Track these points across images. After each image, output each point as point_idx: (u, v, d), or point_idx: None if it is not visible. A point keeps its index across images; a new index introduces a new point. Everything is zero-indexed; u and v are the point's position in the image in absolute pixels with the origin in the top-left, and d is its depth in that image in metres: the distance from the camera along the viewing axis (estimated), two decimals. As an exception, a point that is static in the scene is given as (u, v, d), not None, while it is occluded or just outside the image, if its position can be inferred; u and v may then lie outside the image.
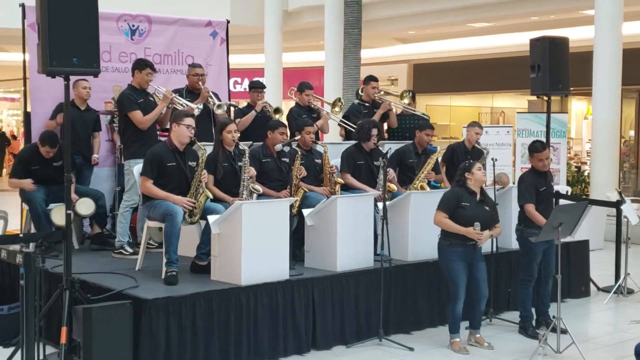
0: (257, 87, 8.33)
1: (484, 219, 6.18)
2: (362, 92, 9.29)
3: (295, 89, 8.76)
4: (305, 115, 8.32)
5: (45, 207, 7.06)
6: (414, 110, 9.70)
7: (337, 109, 8.86)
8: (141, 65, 7.32)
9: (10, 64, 19.57)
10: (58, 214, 6.90)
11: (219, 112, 7.55)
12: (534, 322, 6.81)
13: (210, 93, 7.69)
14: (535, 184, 6.62)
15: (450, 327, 6.31)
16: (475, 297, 6.27)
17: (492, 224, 6.26)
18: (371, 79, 9.18)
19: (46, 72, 5.25)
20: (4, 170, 26.32)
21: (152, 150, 6.47)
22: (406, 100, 9.38)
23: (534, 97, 8.51)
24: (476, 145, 8.41)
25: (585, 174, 14.39)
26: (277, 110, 8.14)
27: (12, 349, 5.43)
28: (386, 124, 9.28)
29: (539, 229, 6.38)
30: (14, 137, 29.09)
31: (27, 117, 7.99)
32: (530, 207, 6.54)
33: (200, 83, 7.74)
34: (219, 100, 7.77)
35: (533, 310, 6.86)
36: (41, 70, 5.29)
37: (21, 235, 6.71)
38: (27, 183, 7.07)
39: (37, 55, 5.34)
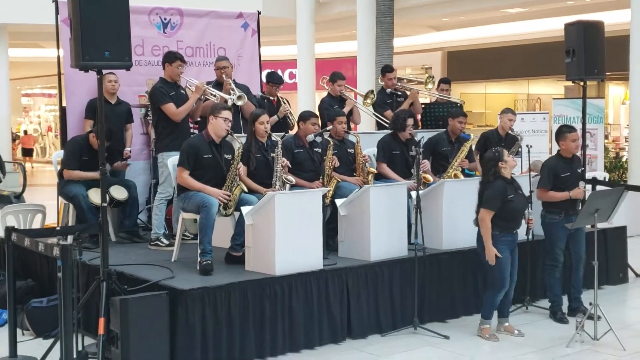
0: (275, 82, 8.30)
1: (525, 204, 6.24)
2: (380, 81, 9.25)
3: (327, 78, 8.74)
4: (337, 106, 8.31)
5: (89, 201, 7.15)
6: (448, 97, 9.64)
7: (368, 100, 8.82)
8: (171, 58, 7.38)
9: (47, 60, 19.87)
10: (96, 194, 7.00)
11: (239, 103, 7.49)
12: (564, 307, 6.78)
13: (232, 85, 7.64)
14: (555, 170, 6.61)
15: (485, 313, 6.27)
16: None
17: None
18: (387, 70, 9.14)
19: (79, 67, 5.31)
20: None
21: (188, 141, 6.53)
22: (430, 86, 9.32)
23: (570, 83, 8.41)
24: (510, 132, 8.33)
25: (624, 159, 14.17)
26: None
27: (51, 340, 5.52)
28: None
29: (559, 214, 6.48)
30: (25, 133, 29.54)
31: (63, 112, 8.10)
32: (540, 192, 6.63)
33: (224, 76, 7.73)
34: (248, 92, 7.76)
35: (565, 296, 6.84)
36: (74, 65, 5.35)
37: (58, 228, 6.81)
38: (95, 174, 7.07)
39: (70, 50, 5.41)
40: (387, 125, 8.13)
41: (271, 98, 8.25)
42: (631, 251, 8.49)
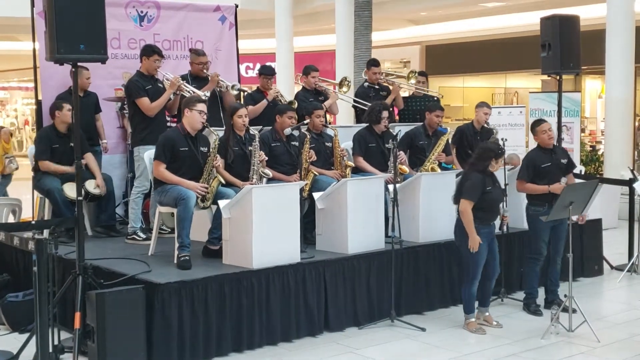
0: (267, 74, 8.26)
1: (502, 196, 6.35)
2: (364, 75, 9.25)
3: (301, 74, 8.73)
4: (312, 99, 8.31)
5: (64, 195, 7.09)
6: (426, 91, 9.66)
7: (344, 88, 8.82)
8: (148, 51, 7.34)
9: (23, 53, 19.63)
10: (71, 188, 6.94)
11: (234, 92, 7.54)
12: (540, 300, 6.85)
13: (220, 77, 7.67)
14: (534, 161, 6.68)
15: (466, 308, 6.33)
16: (489, 273, 6.30)
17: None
18: (372, 64, 9.14)
19: (54, 60, 5.28)
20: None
21: (164, 135, 6.50)
22: (412, 81, 9.35)
23: (547, 77, 8.47)
24: (485, 125, 8.37)
25: (600, 152, 14.30)
26: (291, 103, 8.08)
27: (27, 334, 5.48)
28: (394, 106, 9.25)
29: (543, 205, 6.52)
30: None
31: (39, 105, 8.04)
32: (518, 183, 6.70)
33: (205, 70, 7.70)
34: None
35: (541, 289, 6.90)
36: (49, 58, 5.32)
37: (33, 222, 6.76)
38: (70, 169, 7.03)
39: (45, 43, 5.37)
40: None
41: (265, 91, 8.19)
42: (606, 244, 8.59)
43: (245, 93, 8.25)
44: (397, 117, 9.39)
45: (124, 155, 8.32)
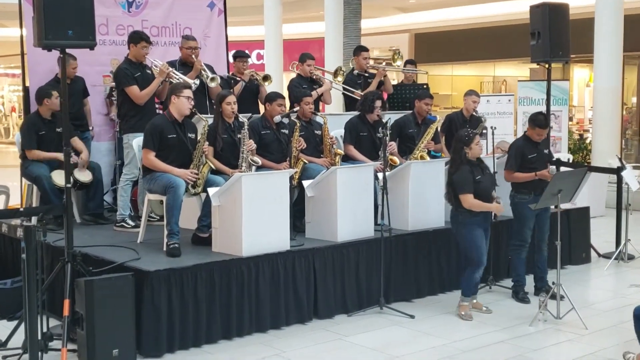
0: (242, 57, 8.33)
1: (493, 183, 6.36)
2: (352, 63, 9.23)
3: (297, 62, 8.72)
4: (305, 86, 8.29)
5: (52, 183, 7.06)
6: (410, 70, 9.67)
7: (339, 78, 8.81)
8: (136, 38, 7.29)
9: (10, 40, 19.50)
10: (59, 176, 6.91)
11: (212, 85, 7.51)
12: (529, 287, 6.88)
13: (204, 66, 7.62)
14: (522, 150, 6.69)
15: (466, 291, 6.36)
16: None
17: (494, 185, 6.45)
18: (361, 49, 9.13)
19: (42, 46, 5.23)
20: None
21: (152, 122, 6.46)
22: (399, 62, 9.34)
23: (536, 65, 8.48)
24: (474, 113, 8.38)
25: (588, 141, 14.36)
26: (266, 78, 8.14)
27: (16, 322, 5.47)
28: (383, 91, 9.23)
29: (529, 194, 6.57)
30: None
31: (26, 92, 7.98)
32: (506, 173, 6.71)
33: (193, 56, 7.67)
34: (213, 72, 7.72)
35: (528, 276, 6.94)
36: (37, 44, 5.27)
37: (22, 209, 6.72)
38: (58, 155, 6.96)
39: (33, 29, 5.33)
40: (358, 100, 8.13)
41: (237, 79, 8.20)
42: (594, 231, 8.64)
43: (222, 78, 8.18)
44: (387, 106, 9.37)
45: (112, 143, 8.29)
